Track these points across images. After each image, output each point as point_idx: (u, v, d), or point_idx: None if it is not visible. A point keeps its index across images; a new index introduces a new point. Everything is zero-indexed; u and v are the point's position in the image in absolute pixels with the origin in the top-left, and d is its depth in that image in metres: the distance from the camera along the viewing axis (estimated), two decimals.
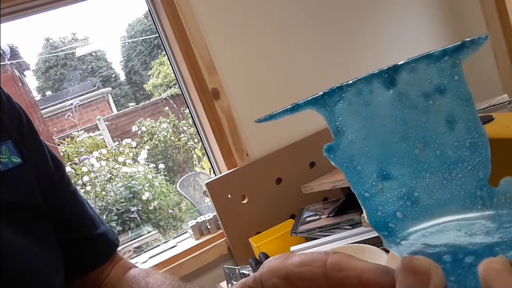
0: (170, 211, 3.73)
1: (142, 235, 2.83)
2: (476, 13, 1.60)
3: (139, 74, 9.64)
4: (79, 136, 4.07)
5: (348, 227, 0.96)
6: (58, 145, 3.93)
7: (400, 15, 1.52)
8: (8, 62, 3.69)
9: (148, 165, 4.18)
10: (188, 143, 4.86)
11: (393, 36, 1.49)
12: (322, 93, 0.23)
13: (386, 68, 0.21)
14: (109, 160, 3.72)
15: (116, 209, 3.33)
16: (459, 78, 0.21)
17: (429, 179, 0.21)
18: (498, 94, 1.21)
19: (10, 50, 4.01)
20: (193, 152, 4.79)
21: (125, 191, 3.46)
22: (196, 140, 4.69)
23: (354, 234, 0.90)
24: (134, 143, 4.18)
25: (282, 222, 1.17)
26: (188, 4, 1.19)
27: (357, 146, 0.22)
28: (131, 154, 3.96)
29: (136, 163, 3.93)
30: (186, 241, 1.32)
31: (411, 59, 0.21)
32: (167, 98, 5.65)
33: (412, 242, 0.20)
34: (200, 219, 1.31)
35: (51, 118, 5.82)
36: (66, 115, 4.67)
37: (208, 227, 1.29)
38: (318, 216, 1.08)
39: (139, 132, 5.00)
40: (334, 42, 1.40)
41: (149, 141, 4.90)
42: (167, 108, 5.19)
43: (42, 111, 4.84)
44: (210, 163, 1.36)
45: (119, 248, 0.64)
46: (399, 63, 0.21)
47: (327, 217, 1.06)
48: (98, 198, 3.32)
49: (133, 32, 9.92)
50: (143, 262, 1.26)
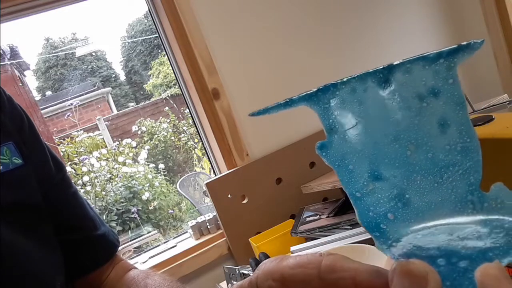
0: (170, 211, 3.73)
1: (142, 235, 2.83)
2: (476, 13, 1.60)
3: (139, 74, 9.64)
4: (78, 136, 4.07)
5: (348, 227, 0.96)
6: (58, 145, 3.93)
7: (400, 15, 1.52)
8: (8, 62, 3.69)
9: (148, 165, 4.18)
10: (188, 143, 4.86)
11: (393, 36, 1.49)
12: (316, 89, 0.23)
13: (381, 67, 0.21)
14: (109, 160, 3.72)
15: (116, 209, 3.33)
16: (454, 81, 0.20)
17: (420, 182, 0.21)
18: (498, 94, 1.21)
19: (10, 50, 4.01)
20: (193, 152, 4.79)
21: (125, 191, 3.46)
22: (196, 140, 4.69)
23: (354, 234, 0.90)
24: (134, 143, 4.18)
25: (282, 222, 1.17)
26: (188, 4, 1.19)
27: (349, 145, 0.22)
28: (131, 154, 3.96)
29: (136, 163, 3.93)
30: (186, 241, 1.32)
31: (406, 60, 0.21)
32: (167, 98, 5.65)
33: (404, 244, 0.20)
34: (200, 219, 1.31)
35: (51, 118, 5.82)
36: (66, 115, 4.67)
37: (208, 227, 1.29)
38: (318, 216, 1.08)
39: (139, 132, 5.00)
40: (334, 42, 1.40)
41: (149, 141, 4.90)
42: (167, 108, 5.18)
43: (42, 111, 4.84)
44: (210, 163, 1.36)
45: (119, 248, 0.64)
46: (394, 63, 0.21)
47: (327, 217, 1.06)
48: (98, 198, 3.32)
49: (133, 32, 9.92)
50: (143, 262, 1.26)
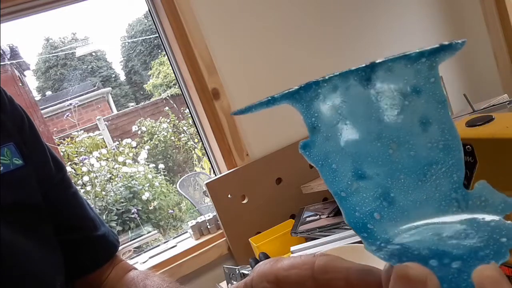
0: (170, 211, 3.73)
1: (142, 235, 2.83)
2: (476, 13, 1.60)
3: (139, 74, 9.64)
4: (78, 136, 4.07)
5: (348, 227, 0.96)
6: (58, 145, 3.93)
7: (400, 15, 1.52)
8: (8, 62, 3.69)
9: (148, 165, 4.18)
10: (188, 143, 4.86)
11: (393, 36, 1.49)
12: (297, 87, 0.22)
13: (363, 66, 0.21)
14: (109, 160, 3.72)
15: (116, 209, 3.33)
16: (435, 80, 0.20)
17: (404, 180, 0.21)
18: (498, 94, 1.21)
19: (10, 50, 4.01)
20: (193, 152, 4.79)
21: (125, 191, 3.46)
22: (196, 140, 4.69)
23: (354, 234, 0.90)
24: (134, 143, 4.18)
25: (282, 222, 1.17)
26: (188, 4, 1.19)
27: (332, 144, 0.22)
28: (131, 154, 3.96)
29: (136, 163, 3.93)
30: (186, 241, 1.32)
31: (388, 58, 0.21)
32: (167, 98, 5.64)
33: (393, 245, 0.20)
34: (200, 219, 1.31)
35: (51, 118, 5.82)
36: (65, 115, 4.67)
37: (208, 227, 1.29)
38: (318, 216, 1.08)
39: (139, 132, 5.00)
40: (334, 42, 1.40)
41: (149, 141, 4.90)
42: (167, 108, 5.18)
43: (42, 111, 4.84)
44: (210, 163, 1.36)
45: (119, 248, 0.64)
46: (376, 61, 0.21)
47: (327, 217, 1.06)
48: (98, 198, 3.32)
49: (133, 32, 9.92)
50: (143, 262, 1.26)
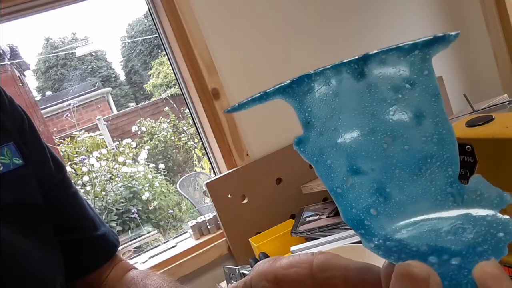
0: (170, 211, 3.73)
1: (142, 235, 2.83)
2: (476, 13, 1.60)
3: (139, 74, 9.64)
4: (79, 136, 4.07)
5: (348, 227, 0.96)
6: (58, 145, 3.93)
7: (400, 15, 1.52)
8: (8, 62, 3.69)
9: (148, 165, 4.18)
10: (188, 143, 4.86)
11: (393, 36, 1.49)
12: (290, 81, 0.22)
13: (356, 58, 0.21)
14: (109, 160, 3.72)
15: (116, 209, 3.33)
16: (429, 73, 0.20)
17: (399, 175, 0.21)
18: (498, 94, 1.21)
19: (10, 50, 4.01)
20: (193, 152, 4.79)
21: (125, 191, 3.46)
22: (196, 140, 4.69)
23: (354, 234, 0.90)
24: (134, 143, 4.18)
25: (282, 222, 1.17)
26: (188, 4, 1.19)
27: (326, 139, 0.22)
28: (131, 154, 3.96)
29: (136, 163, 3.93)
30: (186, 241, 1.32)
31: (381, 50, 0.20)
32: (167, 98, 5.64)
33: (391, 242, 0.20)
34: (200, 219, 1.31)
35: (51, 118, 5.82)
36: (65, 115, 4.67)
37: (208, 227, 1.29)
38: (318, 216, 1.08)
39: (139, 132, 4.99)
40: (334, 42, 1.40)
41: (149, 141, 4.90)
42: (167, 108, 5.18)
43: (42, 111, 4.84)
44: (210, 163, 1.36)
45: (119, 248, 0.64)
46: (369, 53, 0.21)
47: (327, 217, 1.06)
48: (98, 198, 3.32)
49: (133, 32, 9.91)
50: (143, 262, 1.26)
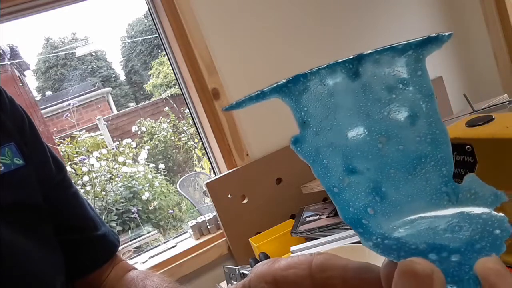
0: (170, 211, 3.73)
1: (142, 235, 2.83)
2: (476, 13, 1.60)
3: (139, 74, 9.64)
4: (79, 136, 4.07)
5: (348, 227, 0.96)
6: (58, 145, 3.93)
7: (400, 15, 1.52)
8: (8, 62, 3.69)
9: (148, 165, 4.18)
10: (188, 143, 4.86)
11: (393, 36, 1.49)
12: (286, 80, 0.22)
13: (351, 57, 0.21)
14: (109, 160, 3.72)
15: (116, 209, 3.33)
16: (422, 73, 0.21)
17: (394, 174, 0.21)
18: (498, 94, 1.21)
19: (10, 50, 4.01)
20: (193, 152, 4.79)
21: (125, 191, 3.46)
22: (196, 140, 4.69)
23: (354, 234, 0.90)
24: (134, 143, 4.18)
25: (282, 222, 1.17)
26: (188, 4, 1.19)
27: (322, 139, 0.22)
28: (131, 154, 3.96)
29: (136, 163, 3.93)
30: (186, 241, 1.32)
31: (375, 50, 0.21)
32: (167, 98, 5.65)
33: (389, 240, 0.20)
34: (200, 219, 1.31)
35: (51, 118, 5.82)
36: (64, 115, 4.67)
37: (208, 227, 1.29)
38: (318, 216, 1.08)
39: (139, 132, 5.00)
40: (334, 42, 1.40)
41: (149, 141, 4.90)
42: (167, 108, 5.18)
43: (42, 111, 4.84)
44: (210, 163, 1.36)
45: (119, 248, 0.64)
46: (363, 53, 0.21)
47: (327, 217, 1.06)
48: (98, 198, 3.32)
49: (133, 32, 9.92)
50: (143, 262, 1.26)
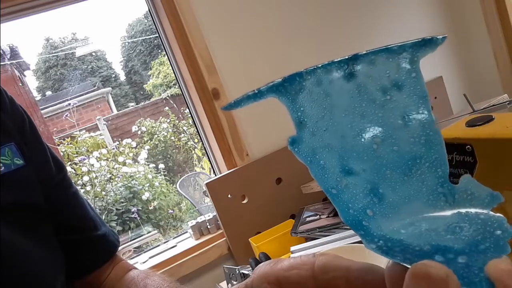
0: (170, 211, 3.73)
1: (142, 235, 2.83)
2: (476, 13, 1.60)
3: (139, 74, 9.64)
4: (79, 136, 4.07)
5: (348, 227, 0.96)
6: (58, 145, 3.93)
7: (400, 15, 1.52)
8: (8, 62, 3.69)
9: (148, 165, 4.18)
10: (188, 143, 4.86)
11: (393, 36, 1.49)
12: (282, 79, 0.22)
13: (346, 57, 0.21)
14: (109, 160, 3.72)
15: (116, 209, 3.33)
16: (416, 75, 0.21)
17: (390, 175, 0.21)
18: (498, 94, 1.21)
19: (10, 50, 4.01)
20: (193, 152, 4.79)
21: (125, 191, 3.46)
22: (196, 140, 4.69)
23: (354, 234, 0.90)
24: (134, 143, 4.18)
25: (282, 222, 1.17)
26: (188, 4, 1.19)
27: (318, 139, 0.22)
28: (131, 154, 3.96)
29: (136, 163, 3.93)
30: (186, 241, 1.32)
31: (370, 51, 0.21)
32: (167, 98, 5.65)
33: (392, 242, 0.20)
34: (200, 219, 1.31)
35: (51, 118, 5.82)
36: (64, 115, 4.67)
37: (208, 227, 1.29)
38: (318, 216, 1.08)
39: (139, 132, 5.00)
40: (334, 42, 1.40)
41: (149, 141, 4.90)
42: (167, 108, 5.18)
43: (42, 111, 4.84)
44: (210, 163, 1.36)
45: (119, 248, 0.64)
46: (359, 54, 0.21)
47: (327, 217, 1.06)
48: (98, 198, 3.32)
49: (133, 32, 9.92)
50: (143, 262, 1.26)
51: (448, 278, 0.17)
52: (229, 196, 1.22)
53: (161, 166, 4.18)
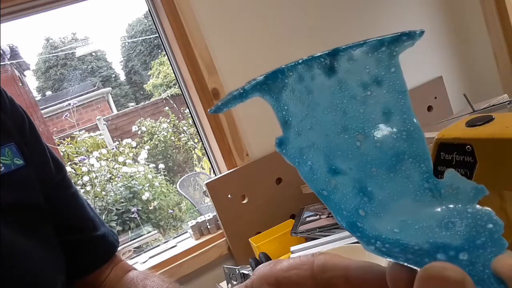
0: (170, 211, 3.73)
1: (142, 235, 2.83)
2: (476, 13, 1.60)
3: (139, 74, 9.65)
4: (79, 136, 4.08)
5: None
6: (58, 145, 3.93)
7: (400, 15, 1.52)
8: (8, 62, 3.69)
9: (148, 165, 4.18)
10: (188, 143, 4.86)
11: None
12: (264, 76, 0.22)
13: (326, 52, 0.21)
14: (109, 160, 3.72)
15: (116, 209, 3.33)
16: (396, 70, 0.21)
17: (376, 173, 0.21)
18: (498, 94, 1.21)
19: (10, 50, 4.01)
20: (193, 152, 4.79)
21: (125, 191, 3.46)
22: (196, 140, 4.69)
23: None
24: (134, 143, 4.18)
25: (282, 222, 1.17)
26: (188, 4, 1.19)
27: (304, 139, 0.21)
28: (131, 154, 3.96)
29: (136, 163, 3.93)
30: (186, 241, 1.32)
31: (350, 45, 0.21)
32: (167, 98, 5.65)
33: (389, 243, 0.20)
34: (200, 219, 1.31)
35: (51, 118, 5.82)
36: (64, 115, 4.67)
37: (208, 227, 1.29)
38: (318, 216, 1.08)
39: (139, 132, 5.00)
40: (334, 42, 1.40)
41: (149, 141, 4.90)
42: (167, 108, 5.19)
43: (42, 111, 4.84)
44: (210, 163, 1.36)
45: (119, 248, 0.64)
46: (338, 48, 0.21)
47: (327, 217, 1.06)
48: (98, 198, 3.32)
49: (133, 32, 9.92)
50: (143, 262, 1.26)
51: (465, 280, 0.17)
52: (229, 196, 1.22)
53: (161, 166, 4.18)
